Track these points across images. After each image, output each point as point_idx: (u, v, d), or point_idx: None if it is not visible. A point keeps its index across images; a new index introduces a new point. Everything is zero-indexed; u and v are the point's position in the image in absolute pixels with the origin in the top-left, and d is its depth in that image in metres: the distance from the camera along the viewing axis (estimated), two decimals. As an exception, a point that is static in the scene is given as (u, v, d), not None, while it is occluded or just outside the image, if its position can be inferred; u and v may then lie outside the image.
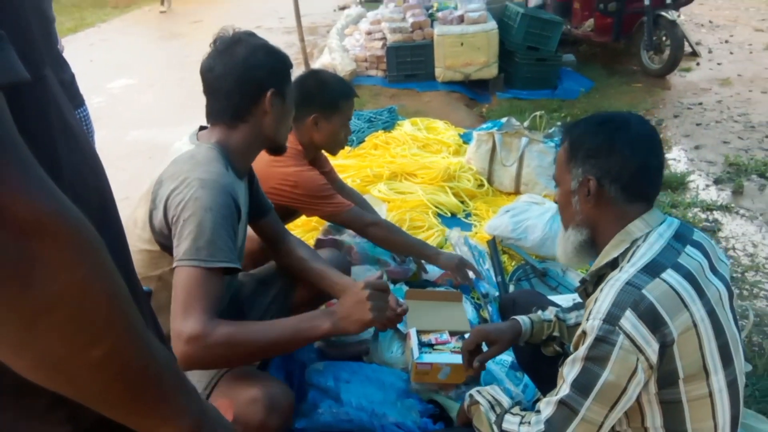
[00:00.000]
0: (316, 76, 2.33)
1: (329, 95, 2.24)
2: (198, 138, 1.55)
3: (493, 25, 5.51)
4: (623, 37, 6.15)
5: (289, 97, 1.63)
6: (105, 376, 0.50)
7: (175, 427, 0.60)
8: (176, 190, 1.37)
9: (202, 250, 1.31)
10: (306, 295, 1.87)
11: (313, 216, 2.62)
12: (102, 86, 6.70)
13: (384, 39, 5.82)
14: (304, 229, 3.04)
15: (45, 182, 0.43)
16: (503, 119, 3.73)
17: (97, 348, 0.47)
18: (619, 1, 5.85)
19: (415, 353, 1.85)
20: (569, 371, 1.20)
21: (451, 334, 2.00)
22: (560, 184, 1.41)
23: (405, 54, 5.64)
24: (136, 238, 1.45)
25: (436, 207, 3.26)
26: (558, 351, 1.63)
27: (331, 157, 2.49)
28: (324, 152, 2.41)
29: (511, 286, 2.57)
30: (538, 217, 2.80)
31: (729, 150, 4.25)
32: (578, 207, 1.36)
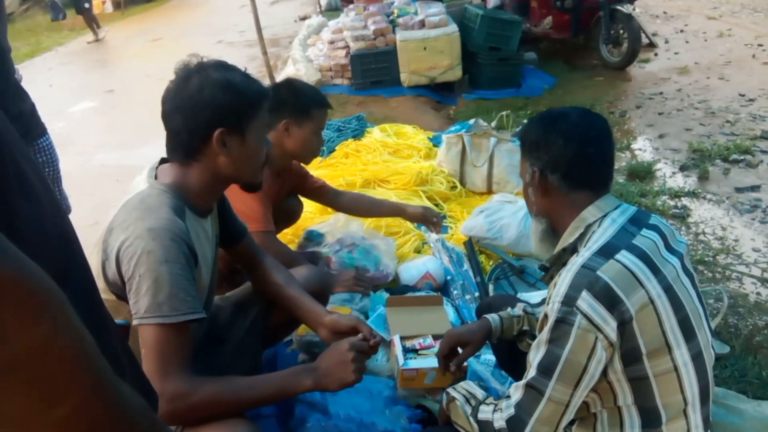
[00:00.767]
0: (290, 84, 2.34)
1: (301, 101, 2.24)
2: (157, 174, 1.49)
3: (454, 28, 5.57)
4: (582, 33, 6.27)
5: (254, 134, 1.50)
6: None
7: None
8: (126, 242, 1.32)
9: (163, 306, 1.28)
10: (284, 318, 1.84)
11: None
12: (63, 111, 6.58)
13: (347, 47, 5.83)
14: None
15: None
16: (471, 121, 3.77)
17: (61, 407, 0.46)
18: (575, -3, 5.96)
19: (400, 360, 1.84)
20: (534, 355, 1.25)
21: (435, 338, 1.99)
22: (522, 179, 1.50)
23: (369, 61, 5.66)
24: None
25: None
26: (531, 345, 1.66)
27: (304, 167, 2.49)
28: (292, 171, 2.41)
29: (490, 286, 2.59)
30: (511, 215, 2.83)
31: (692, 137, 4.35)
32: (533, 198, 1.44)
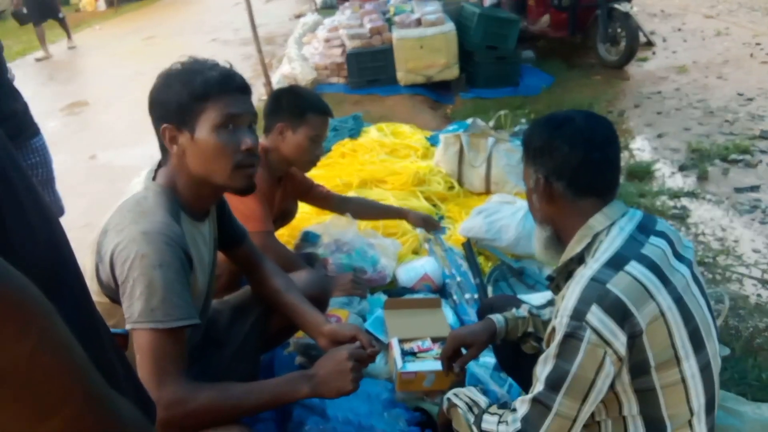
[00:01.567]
0: (290, 89, 2.35)
1: (298, 105, 2.21)
2: (155, 175, 1.47)
3: (451, 26, 5.54)
4: (579, 32, 6.25)
5: (205, 129, 1.39)
6: None
7: None
8: (120, 245, 1.29)
9: (156, 311, 1.26)
10: (283, 322, 1.82)
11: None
12: (56, 110, 6.52)
13: (343, 46, 5.80)
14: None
15: None
16: (468, 120, 3.75)
17: (52, 420, 0.45)
18: (572, -5, 5.94)
19: (399, 363, 1.82)
20: (542, 369, 1.23)
21: (433, 340, 1.97)
22: (526, 184, 1.46)
23: (366, 60, 5.63)
24: None
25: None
26: (536, 347, 1.65)
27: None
28: (295, 179, 2.39)
29: (489, 287, 2.56)
30: (510, 216, 2.80)
31: (691, 136, 4.34)
32: (537, 205, 1.41)
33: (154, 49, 8.82)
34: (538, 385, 1.23)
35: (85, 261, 1.39)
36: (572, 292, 1.19)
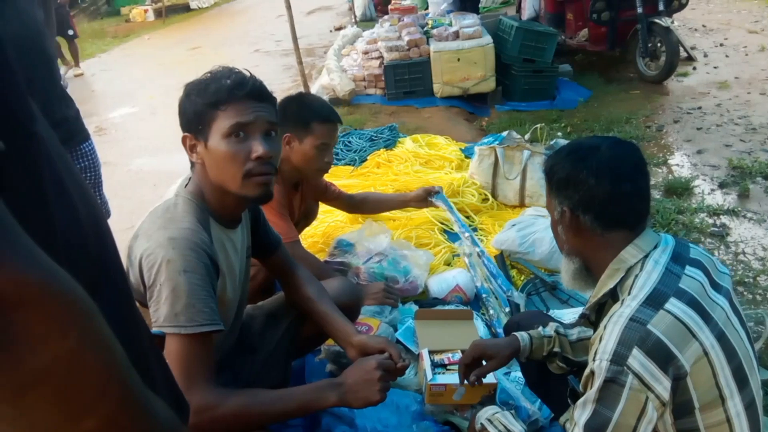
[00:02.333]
0: (298, 97, 2.32)
1: (302, 115, 2.21)
2: (188, 183, 1.50)
3: (488, 39, 5.56)
4: (618, 46, 6.18)
5: (217, 137, 1.39)
6: None
7: None
8: (148, 250, 1.33)
9: (180, 316, 1.29)
10: (315, 329, 1.84)
11: None
12: (105, 116, 6.75)
13: (381, 58, 5.86)
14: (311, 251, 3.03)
15: (28, 250, 0.41)
16: (504, 132, 3.74)
17: (89, 419, 0.45)
18: (612, 10, 5.88)
19: (429, 375, 1.83)
20: (580, 414, 1.18)
21: (464, 353, 1.98)
22: (549, 213, 1.41)
23: (403, 71, 5.68)
24: None
25: (442, 223, 3.25)
26: (563, 368, 1.61)
27: (332, 177, 2.50)
28: (311, 184, 2.42)
29: (521, 301, 2.55)
30: (544, 230, 2.79)
31: (732, 153, 4.24)
32: (564, 236, 1.36)
33: (199, 59, 9.05)
34: (578, 431, 1.18)
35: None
36: (611, 333, 1.14)
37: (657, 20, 5.54)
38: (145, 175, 4.87)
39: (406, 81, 5.70)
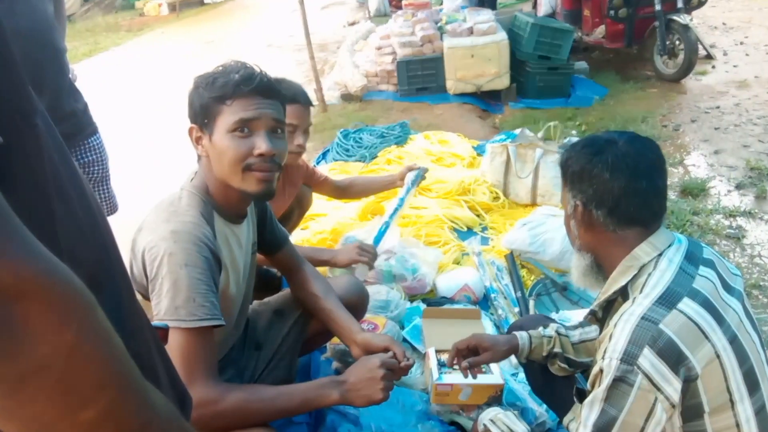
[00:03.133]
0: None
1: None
2: (195, 176, 1.50)
3: (503, 35, 5.49)
4: (636, 43, 6.09)
5: (221, 131, 1.38)
6: None
7: None
8: (151, 243, 1.33)
9: (180, 309, 1.29)
10: (322, 326, 1.83)
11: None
12: (116, 109, 6.77)
13: (394, 53, 5.83)
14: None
15: (28, 242, 0.42)
16: (517, 130, 3.70)
17: (87, 411, 0.46)
18: (630, 6, 5.80)
19: (435, 374, 1.81)
20: (588, 413, 1.16)
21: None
22: (563, 208, 1.40)
23: (416, 68, 5.64)
24: None
25: (452, 222, 3.22)
26: (565, 369, 1.60)
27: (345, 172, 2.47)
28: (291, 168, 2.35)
29: (531, 302, 2.52)
30: (555, 230, 2.75)
31: (750, 154, 4.17)
32: (576, 231, 1.34)
33: (212, 53, 9.06)
34: (584, 430, 1.17)
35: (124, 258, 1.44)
36: (621, 331, 1.12)
37: (676, 17, 5.45)
38: (157, 169, 4.88)
39: (419, 77, 5.67)
